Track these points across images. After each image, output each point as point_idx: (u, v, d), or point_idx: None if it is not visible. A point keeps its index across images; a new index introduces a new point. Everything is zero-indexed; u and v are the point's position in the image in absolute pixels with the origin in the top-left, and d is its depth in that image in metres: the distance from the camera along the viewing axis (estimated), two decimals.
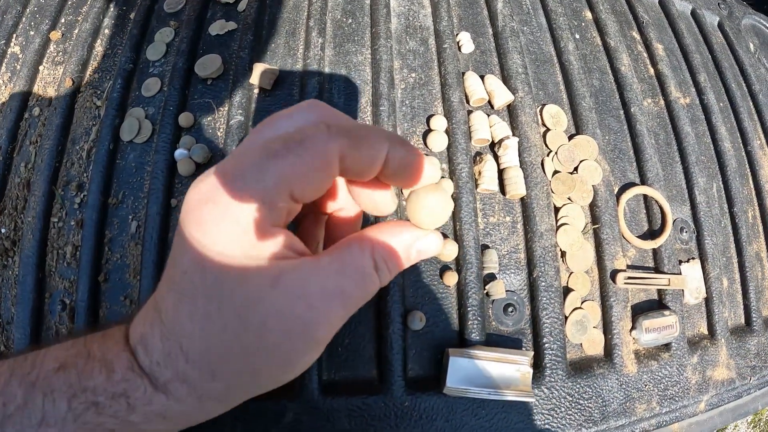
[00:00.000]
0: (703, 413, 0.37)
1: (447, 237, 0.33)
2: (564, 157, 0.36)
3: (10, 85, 0.40)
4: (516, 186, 0.34)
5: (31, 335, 0.33)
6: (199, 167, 0.34)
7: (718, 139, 0.44)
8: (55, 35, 0.41)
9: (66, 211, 0.35)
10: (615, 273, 0.35)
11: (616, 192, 0.38)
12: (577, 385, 0.33)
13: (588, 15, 0.45)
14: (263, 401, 0.30)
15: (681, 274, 0.37)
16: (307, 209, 0.21)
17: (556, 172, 0.36)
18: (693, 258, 0.39)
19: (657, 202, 0.38)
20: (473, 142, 0.36)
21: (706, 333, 0.39)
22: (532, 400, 0.31)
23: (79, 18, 0.42)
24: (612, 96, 0.42)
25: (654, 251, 0.38)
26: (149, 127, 0.35)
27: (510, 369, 0.30)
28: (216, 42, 0.38)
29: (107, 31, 0.40)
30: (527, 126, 0.36)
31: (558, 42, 0.42)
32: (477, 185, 0.35)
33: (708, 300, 0.39)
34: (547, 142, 0.37)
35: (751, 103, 0.49)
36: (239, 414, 0.29)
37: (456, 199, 0.34)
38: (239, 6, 0.40)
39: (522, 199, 0.35)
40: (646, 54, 0.46)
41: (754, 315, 0.40)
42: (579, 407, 0.32)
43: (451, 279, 0.32)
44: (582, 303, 0.35)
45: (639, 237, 0.37)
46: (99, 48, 0.40)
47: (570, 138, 0.38)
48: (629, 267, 0.37)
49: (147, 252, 0.32)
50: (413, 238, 0.18)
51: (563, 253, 0.35)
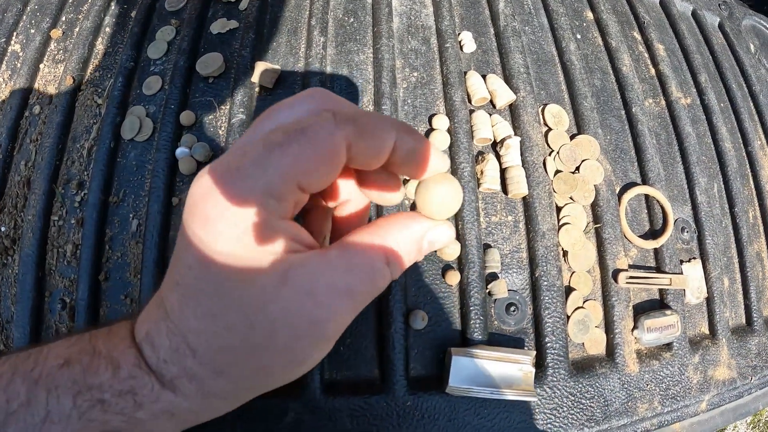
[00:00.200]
0: (705, 413, 0.36)
1: None
2: (566, 157, 0.36)
3: (10, 83, 0.40)
4: (518, 185, 0.34)
5: (31, 334, 0.32)
6: (201, 166, 0.34)
7: (719, 140, 0.44)
8: (56, 33, 0.41)
9: (66, 210, 0.34)
10: (617, 272, 0.35)
11: (617, 192, 0.38)
12: (579, 385, 0.33)
13: (589, 15, 0.46)
14: (264, 400, 0.29)
15: (682, 273, 0.37)
16: (313, 203, 0.21)
17: (558, 171, 0.36)
18: (694, 258, 0.39)
19: (658, 201, 0.38)
20: (475, 141, 0.35)
21: (707, 333, 0.39)
22: (534, 399, 0.31)
23: (80, 16, 0.42)
24: (613, 96, 0.42)
25: (655, 251, 0.38)
26: (150, 126, 0.35)
27: (512, 368, 0.30)
28: (217, 40, 0.38)
29: (108, 30, 0.40)
30: (529, 125, 0.36)
31: (559, 42, 0.42)
32: (479, 184, 0.34)
33: (709, 300, 0.39)
34: (549, 141, 0.37)
35: (752, 104, 0.49)
36: (240, 413, 0.29)
37: None
38: (241, 5, 0.40)
39: (524, 199, 0.35)
40: (647, 54, 0.46)
41: (755, 315, 0.40)
42: (581, 407, 0.32)
43: (454, 278, 0.32)
44: (584, 302, 0.35)
45: (640, 237, 0.37)
46: (100, 46, 0.40)
47: (572, 138, 0.38)
48: (631, 266, 0.36)
49: (148, 251, 0.32)
50: (424, 229, 0.18)
51: (565, 253, 0.35)
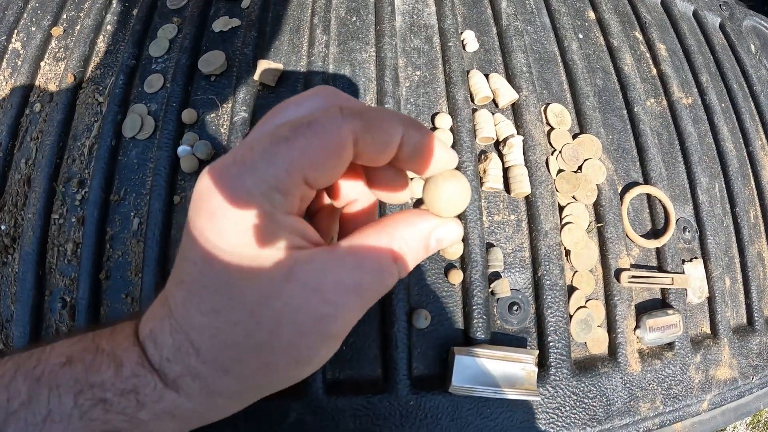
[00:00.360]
0: (706, 412, 0.36)
1: None
2: (568, 156, 0.36)
3: (11, 81, 0.39)
4: (521, 184, 0.34)
5: (31, 333, 0.32)
6: (203, 164, 0.34)
7: (720, 140, 0.44)
8: (57, 31, 0.41)
9: (67, 208, 0.34)
10: (619, 272, 0.35)
11: (619, 191, 0.38)
12: (582, 384, 0.33)
13: (591, 15, 0.46)
14: (266, 401, 0.29)
15: (684, 273, 0.37)
16: (321, 204, 0.21)
17: (560, 170, 0.36)
18: (696, 257, 0.39)
19: (660, 201, 0.38)
20: (478, 140, 0.35)
21: (708, 332, 0.39)
22: (537, 398, 0.31)
23: (81, 14, 0.42)
24: (615, 95, 0.42)
25: (657, 250, 0.38)
26: (152, 124, 0.35)
27: (515, 368, 0.30)
28: (219, 38, 0.38)
29: (109, 27, 0.40)
30: (532, 125, 0.36)
31: (562, 41, 0.42)
32: (482, 183, 0.34)
33: (711, 299, 0.39)
34: (552, 140, 0.37)
35: (753, 104, 0.49)
36: (241, 413, 0.29)
37: None
38: (243, 3, 0.40)
39: (527, 198, 0.35)
40: (648, 54, 0.46)
41: (756, 315, 0.41)
42: (583, 406, 0.32)
43: (456, 277, 0.32)
44: (586, 302, 0.34)
45: (642, 236, 0.37)
46: (101, 44, 0.40)
47: (574, 137, 0.38)
48: (633, 266, 0.36)
49: (149, 249, 0.32)
50: (432, 226, 0.17)
51: (568, 252, 0.35)
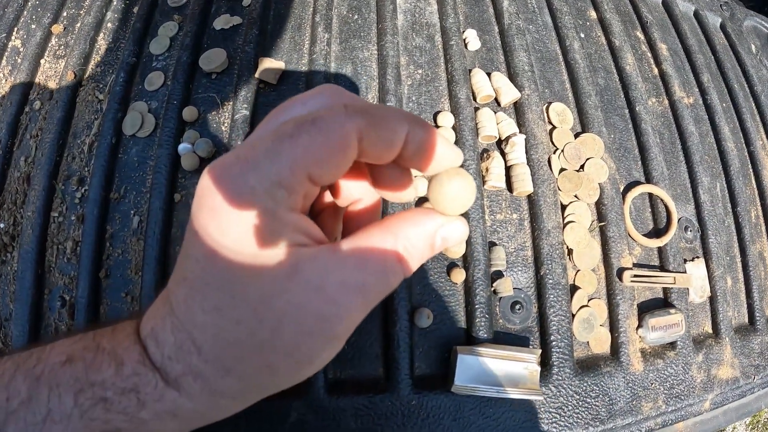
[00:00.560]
0: (708, 412, 0.36)
1: None
2: (570, 155, 0.36)
3: (11, 79, 0.39)
4: (523, 183, 0.34)
5: (30, 332, 0.32)
6: (203, 162, 0.34)
7: (721, 139, 0.44)
8: (57, 29, 0.41)
9: (66, 206, 0.34)
10: (621, 271, 0.35)
11: (621, 190, 0.38)
12: (584, 384, 0.32)
13: (593, 14, 0.46)
14: (267, 400, 0.29)
15: (686, 272, 0.37)
16: (325, 203, 0.21)
17: (562, 169, 0.36)
18: (697, 257, 0.39)
19: (662, 200, 0.38)
20: (480, 138, 0.35)
21: (710, 332, 0.39)
22: (540, 398, 0.31)
23: (82, 11, 0.41)
24: (617, 95, 0.42)
25: (659, 250, 0.38)
26: (152, 122, 0.35)
27: (518, 367, 0.30)
28: (220, 36, 0.38)
29: (110, 25, 0.40)
30: (534, 123, 0.36)
31: (563, 41, 0.42)
32: (484, 182, 0.34)
33: (712, 299, 0.39)
34: (554, 139, 0.37)
35: (753, 104, 0.49)
36: (242, 413, 0.29)
37: None
38: (244, 1, 0.39)
39: (529, 197, 0.35)
40: (650, 54, 0.46)
41: (757, 314, 0.40)
42: (586, 405, 0.32)
43: (459, 276, 0.32)
44: (589, 301, 0.34)
45: (644, 235, 0.37)
46: (102, 42, 0.39)
47: (576, 136, 0.38)
48: (635, 265, 0.36)
49: (149, 248, 0.32)
50: (437, 225, 0.17)
51: (570, 251, 0.35)
